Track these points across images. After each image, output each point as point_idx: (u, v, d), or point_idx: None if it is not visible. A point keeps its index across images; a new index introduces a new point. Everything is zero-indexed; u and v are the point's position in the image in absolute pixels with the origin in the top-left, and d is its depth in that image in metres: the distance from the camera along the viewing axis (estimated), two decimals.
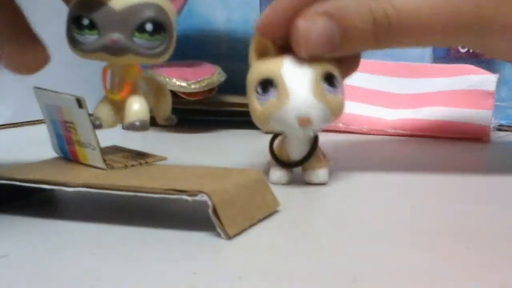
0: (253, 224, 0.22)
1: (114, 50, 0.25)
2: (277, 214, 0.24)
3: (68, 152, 0.25)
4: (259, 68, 0.28)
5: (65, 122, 0.24)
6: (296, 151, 0.29)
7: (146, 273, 0.18)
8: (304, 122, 0.26)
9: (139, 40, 0.25)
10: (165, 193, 0.21)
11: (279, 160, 0.29)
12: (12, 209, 0.24)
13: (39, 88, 0.25)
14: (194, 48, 0.53)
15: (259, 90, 0.27)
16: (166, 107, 0.29)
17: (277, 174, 0.29)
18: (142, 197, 0.22)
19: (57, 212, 0.25)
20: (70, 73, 0.32)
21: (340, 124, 0.48)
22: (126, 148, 0.27)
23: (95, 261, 0.19)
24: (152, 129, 0.30)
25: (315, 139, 0.29)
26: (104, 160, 0.24)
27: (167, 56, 0.26)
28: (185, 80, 0.45)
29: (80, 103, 0.23)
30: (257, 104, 0.27)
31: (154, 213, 0.24)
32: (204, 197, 0.20)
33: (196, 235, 0.21)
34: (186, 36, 0.55)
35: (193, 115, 0.49)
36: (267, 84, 0.27)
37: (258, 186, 0.24)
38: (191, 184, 0.22)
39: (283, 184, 0.29)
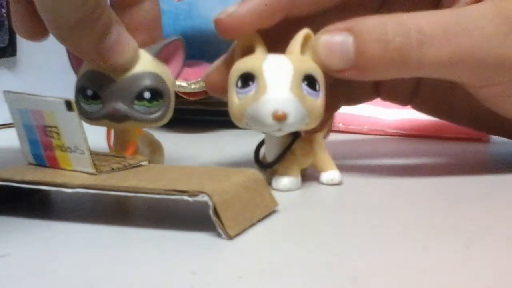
0: (252, 224, 0.22)
1: (116, 117, 0.26)
2: (277, 214, 0.24)
3: (44, 158, 0.25)
4: (241, 63, 0.27)
5: (45, 126, 0.24)
6: (271, 152, 0.29)
7: (146, 273, 0.18)
8: (280, 117, 0.25)
9: (139, 107, 0.26)
10: (166, 194, 0.21)
11: (258, 160, 0.29)
12: (10, 210, 0.24)
13: (10, 91, 0.24)
14: (194, 48, 0.53)
15: (239, 84, 0.27)
16: (160, 160, 0.31)
17: None
18: (142, 197, 0.22)
19: (56, 213, 0.25)
20: (68, 77, 0.32)
21: (340, 124, 0.48)
22: (101, 152, 0.27)
23: (95, 261, 0.19)
24: (152, 129, 0.30)
25: (291, 142, 0.28)
26: (94, 164, 0.23)
27: (166, 119, 0.28)
28: (185, 80, 0.45)
29: (70, 105, 0.23)
30: (235, 98, 0.27)
31: (154, 213, 0.24)
32: (205, 198, 0.20)
33: (196, 235, 0.21)
34: (186, 36, 0.55)
35: (193, 115, 0.49)
36: (247, 79, 0.27)
37: (257, 186, 0.24)
38: (191, 184, 0.22)
39: None
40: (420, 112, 0.38)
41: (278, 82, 0.26)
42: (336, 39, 0.27)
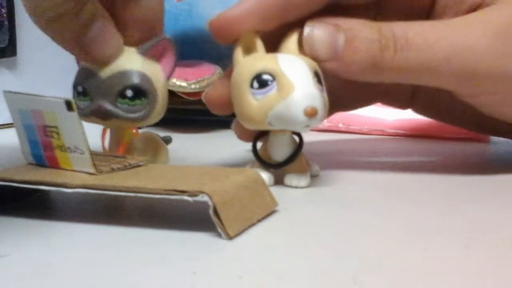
0: (252, 224, 0.22)
1: (100, 114, 0.27)
2: (277, 214, 0.24)
3: (44, 158, 0.25)
4: (251, 64, 0.27)
5: (45, 126, 0.24)
6: (278, 153, 0.29)
7: (146, 273, 0.18)
8: (312, 112, 0.26)
9: (122, 105, 0.27)
10: (166, 194, 0.21)
11: (263, 160, 0.29)
12: (10, 210, 0.24)
13: (10, 91, 0.24)
14: (194, 48, 0.53)
15: (255, 85, 0.27)
16: (164, 161, 0.30)
17: (262, 175, 0.29)
18: (142, 197, 0.22)
19: (56, 213, 0.25)
20: (68, 77, 0.32)
21: (340, 124, 0.48)
22: (101, 152, 0.27)
23: (95, 261, 0.19)
24: (152, 129, 0.31)
25: (300, 141, 0.29)
26: (94, 164, 0.23)
27: (150, 119, 0.28)
28: (185, 80, 0.45)
29: (70, 105, 0.23)
30: (251, 99, 0.27)
31: (154, 213, 0.24)
32: (205, 198, 0.20)
33: (196, 235, 0.21)
34: (186, 36, 0.55)
35: (193, 115, 0.49)
36: (265, 79, 0.26)
37: (257, 186, 0.24)
38: (191, 184, 0.22)
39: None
40: (421, 115, 0.38)
41: (302, 80, 0.26)
42: (327, 31, 0.28)
